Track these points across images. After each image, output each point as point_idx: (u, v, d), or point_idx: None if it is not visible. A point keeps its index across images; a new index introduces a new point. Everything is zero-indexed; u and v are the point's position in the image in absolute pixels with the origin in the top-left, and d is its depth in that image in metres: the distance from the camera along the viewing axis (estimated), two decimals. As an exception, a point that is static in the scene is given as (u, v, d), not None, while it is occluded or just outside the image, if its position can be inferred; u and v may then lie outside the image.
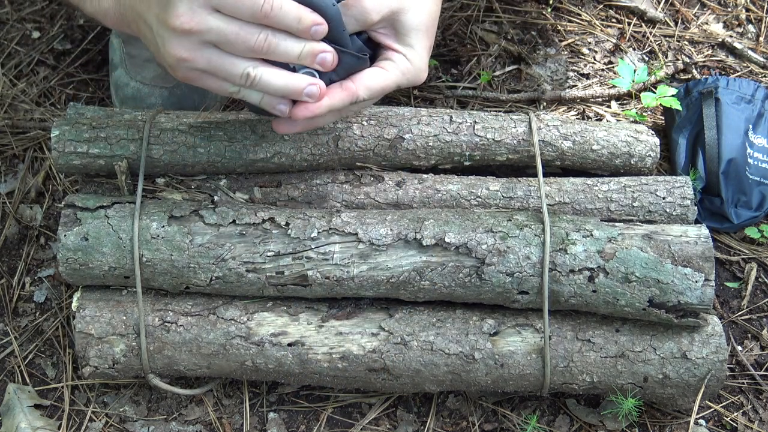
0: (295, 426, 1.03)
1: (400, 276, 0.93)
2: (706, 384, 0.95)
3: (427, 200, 1.02)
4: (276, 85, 0.78)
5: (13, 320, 1.12)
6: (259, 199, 1.01)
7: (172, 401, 1.05)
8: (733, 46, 1.38)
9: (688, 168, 1.18)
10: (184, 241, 0.93)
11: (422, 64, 0.85)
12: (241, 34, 0.74)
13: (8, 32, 1.41)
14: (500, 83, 1.34)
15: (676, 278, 0.90)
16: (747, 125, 1.19)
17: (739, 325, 1.11)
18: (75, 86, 1.34)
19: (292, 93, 0.78)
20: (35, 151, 1.26)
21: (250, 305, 0.98)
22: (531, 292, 0.93)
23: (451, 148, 1.05)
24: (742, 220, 1.15)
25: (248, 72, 0.77)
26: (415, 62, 0.84)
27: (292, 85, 0.78)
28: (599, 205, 1.02)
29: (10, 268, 1.16)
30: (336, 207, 1.01)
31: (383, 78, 0.83)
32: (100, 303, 0.98)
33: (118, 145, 1.00)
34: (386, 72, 0.83)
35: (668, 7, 1.45)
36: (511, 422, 1.02)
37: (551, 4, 1.43)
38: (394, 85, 0.84)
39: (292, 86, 0.78)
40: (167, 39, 0.75)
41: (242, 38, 0.75)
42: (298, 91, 0.78)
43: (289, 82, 0.78)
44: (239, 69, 0.76)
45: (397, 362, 0.95)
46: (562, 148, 1.06)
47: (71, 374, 1.06)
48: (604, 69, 1.36)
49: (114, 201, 0.97)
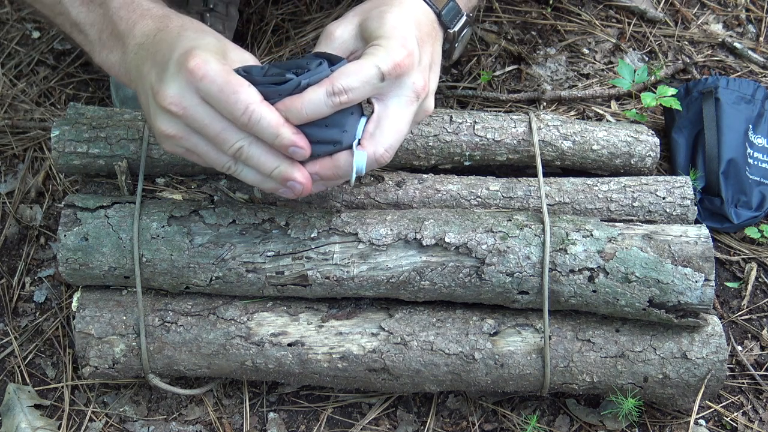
0: (295, 426, 1.03)
1: (400, 276, 0.93)
2: (706, 384, 0.95)
3: (427, 200, 1.02)
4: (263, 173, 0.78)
5: (13, 320, 1.12)
6: (259, 199, 1.01)
7: (172, 401, 1.05)
8: (733, 46, 1.38)
9: (688, 168, 1.18)
10: (184, 241, 0.93)
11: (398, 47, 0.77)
12: (221, 135, 0.75)
13: (8, 32, 1.41)
14: (500, 83, 1.34)
15: (676, 278, 0.90)
16: (747, 125, 1.19)
17: (739, 325, 1.11)
18: (75, 86, 1.34)
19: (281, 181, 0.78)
20: (35, 151, 1.26)
21: (250, 305, 0.98)
22: (531, 292, 0.93)
23: (451, 148, 1.05)
24: (742, 220, 1.15)
25: (230, 165, 0.78)
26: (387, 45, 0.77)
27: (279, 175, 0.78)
28: (599, 205, 1.02)
29: (10, 268, 1.16)
30: (336, 207, 1.01)
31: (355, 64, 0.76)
32: (100, 303, 0.98)
33: (118, 145, 1.00)
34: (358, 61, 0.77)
35: (668, 7, 1.45)
36: (511, 422, 1.02)
37: (551, 4, 1.43)
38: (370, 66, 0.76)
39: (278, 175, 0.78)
40: (157, 114, 0.76)
41: (221, 139, 0.75)
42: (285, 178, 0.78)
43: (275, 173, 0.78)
44: (222, 160, 0.77)
45: (397, 362, 0.95)
46: (562, 148, 1.06)
47: (71, 374, 1.06)
48: (604, 69, 1.36)
49: (114, 201, 0.97)
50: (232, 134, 0.75)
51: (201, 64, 0.72)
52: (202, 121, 0.74)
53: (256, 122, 0.73)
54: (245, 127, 0.74)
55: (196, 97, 0.73)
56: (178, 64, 0.73)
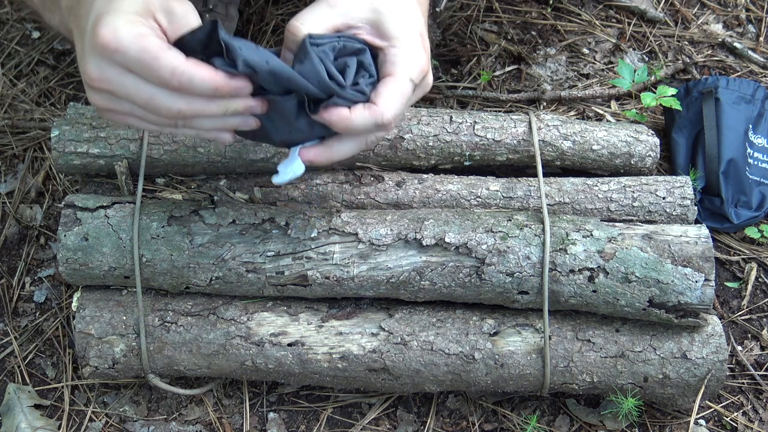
0: (295, 426, 1.03)
1: (400, 276, 0.93)
2: (706, 384, 0.95)
3: (427, 200, 1.02)
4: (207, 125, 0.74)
5: (13, 320, 1.12)
6: (259, 199, 1.01)
7: (172, 401, 1.05)
8: (733, 46, 1.38)
9: (688, 168, 1.18)
10: (184, 241, 0.93)
11: (417, 49, 0.78)
12: (152, 101, 0.69)
13: (8, 32, 1.41)
14: (500, 83, 1.34)
15: (676, 278, 0.90)
16: (747, 125, 1.19)
17: (739, 325, 1.11)
18: (75, 86, 1.34)
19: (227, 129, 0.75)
20: (35, 151, 1.26)
21: (250, 305, 0.98)
22: (531, 292, 0.93)
23: (451, 148, 1.05)
24: (742, 220, 1.15)
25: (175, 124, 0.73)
26: (409, 49, 0.77)
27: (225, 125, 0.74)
28: (599, 205, 1.02)
29: (10, 268, 1.16)
30: (336, 207, 1.01)
31: (391, 83, 0.76)
32: (100, 303, 0.98)
33: (118, 145, 1.00)
34: (391, 76, 0.76)
35: (668, 7, 1.45)
36: (511, 422, 1.02)
37: (551, 4, 1.43)
38: (406, 81, 0.76)
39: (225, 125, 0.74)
40: (87, 89, 0.72)
41: (152, 105, 0.70)
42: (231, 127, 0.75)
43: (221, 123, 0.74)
44: (164, 122, 0.72)
45: (397, 362, 0.95)
46: (562, 148, 1.06)
47: (71, 374, 1.06)
48: (604, 69, 1.36)
49: (114, 201, 0.97)
50: (165, 98, 0.70)
51: (110, 34, 0.66)
52: (127, 90, 0.69)
53: (188, 83, 0.68)
54: (179, 90, 0.69)
55: (117, 68, 0.68)
56: (91, 38, 0.67)
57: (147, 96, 0.69)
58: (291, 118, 0.75)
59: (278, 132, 0.77)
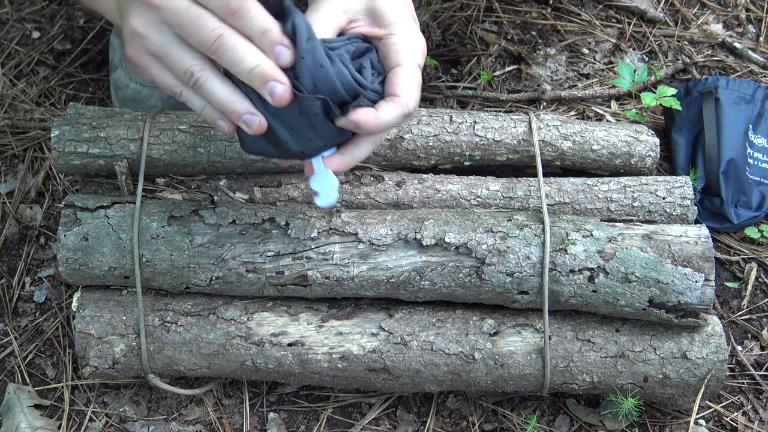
0: (295, 426, 1.03)
1: (400, 276, 0.93)
2: (706, 384, 0.95)
3: (427, 200, 1.02)
4: (217, 95, 0.72)
5: (13, 320, 1.12)
6: (259, 199, 1.01)
7: (172, 401, 1.05)
8: (733, 46, 1.38)
9: (688, 168, 1.18)
10: (184, 241, 0.93)
11: (416, 33, 0.80)
12: (198, 21, 0.69)
13: (8, 32, 1.41)
14: (500, 83, 1.34)
15: (676, 278, 0.90)
16: (747, 125, 1.19)
17: (739, 325, 1.11)
18: (75, 86, 1.34)
19: (230, 112, 0.73)
20: (35, 151, 1.26)
21: (250, 305, 0.98)
22: (531, 292, 0.93)
23: (451, 148, 1.05)
24: (742, 220, 1.15)
25: (193, 71, 0.71)
26: (409, 34, 0.79)
27: (232, 105, 0.73)
28: (599, 205, 1.02)
29: (10, 268, 1.16)
30: (336, 207, 1.01)
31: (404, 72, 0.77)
32: (100, 303, 0.98)
33: (118, 145, 1.00)
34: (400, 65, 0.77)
35: (668, 7, 1.45)
36: (511, 422, 1.02)
37: (551, 4, 1.43)
38: (415, 67, 0.78)
39: (232, 105, 0.73)
40: (130, 8, 0.72)
41: (197, 25, 0.69)
42: (237, 113, 0.73)
43: (231, 99, 0.73)
44: (186, 64, 0.72)
45: (397, 362, 0.95)
46: (562, 148, 1.06)
47: (71, 374, 1.06)
48: (604, 69, 1.36)
49: (114, 201, 0.97)
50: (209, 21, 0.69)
51: None
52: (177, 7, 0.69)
53: (245, 12, 0.69)
54: (231, 16, 0.69)
55: None
56: None
57: (195, 14, 0.69)
58: (316, 120, 0.75)
59: (298, 140, 0.76)
